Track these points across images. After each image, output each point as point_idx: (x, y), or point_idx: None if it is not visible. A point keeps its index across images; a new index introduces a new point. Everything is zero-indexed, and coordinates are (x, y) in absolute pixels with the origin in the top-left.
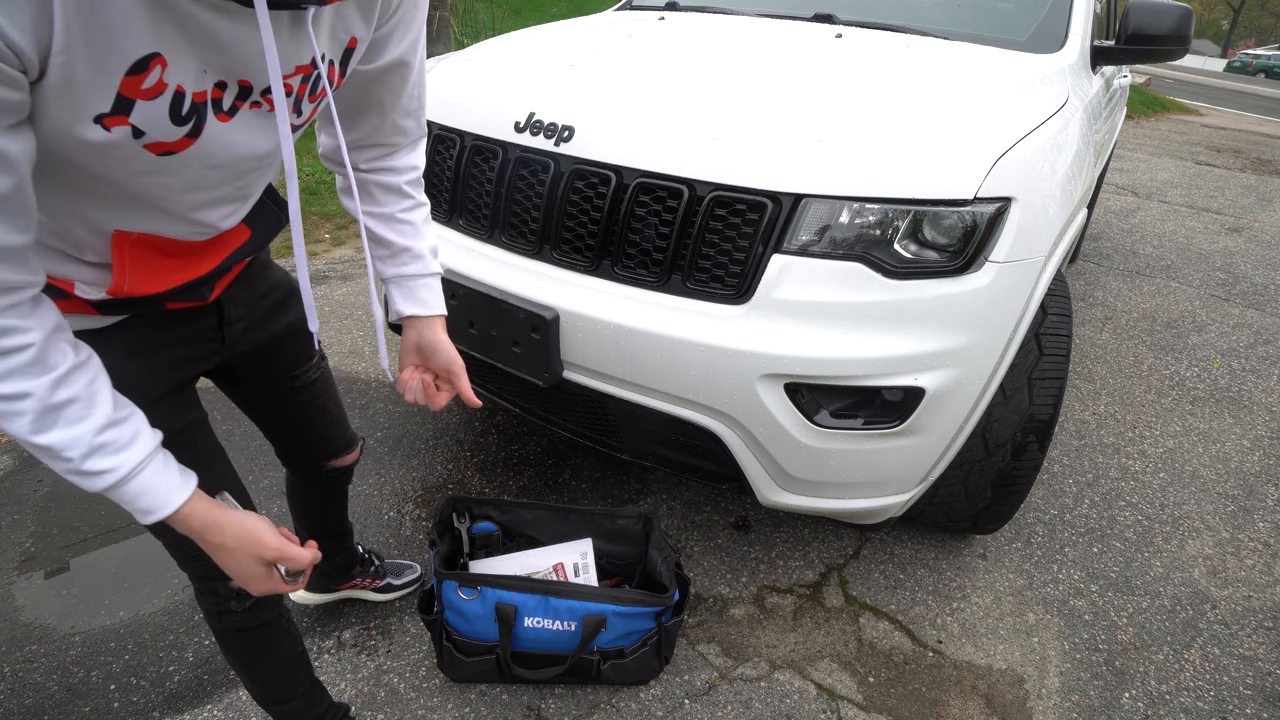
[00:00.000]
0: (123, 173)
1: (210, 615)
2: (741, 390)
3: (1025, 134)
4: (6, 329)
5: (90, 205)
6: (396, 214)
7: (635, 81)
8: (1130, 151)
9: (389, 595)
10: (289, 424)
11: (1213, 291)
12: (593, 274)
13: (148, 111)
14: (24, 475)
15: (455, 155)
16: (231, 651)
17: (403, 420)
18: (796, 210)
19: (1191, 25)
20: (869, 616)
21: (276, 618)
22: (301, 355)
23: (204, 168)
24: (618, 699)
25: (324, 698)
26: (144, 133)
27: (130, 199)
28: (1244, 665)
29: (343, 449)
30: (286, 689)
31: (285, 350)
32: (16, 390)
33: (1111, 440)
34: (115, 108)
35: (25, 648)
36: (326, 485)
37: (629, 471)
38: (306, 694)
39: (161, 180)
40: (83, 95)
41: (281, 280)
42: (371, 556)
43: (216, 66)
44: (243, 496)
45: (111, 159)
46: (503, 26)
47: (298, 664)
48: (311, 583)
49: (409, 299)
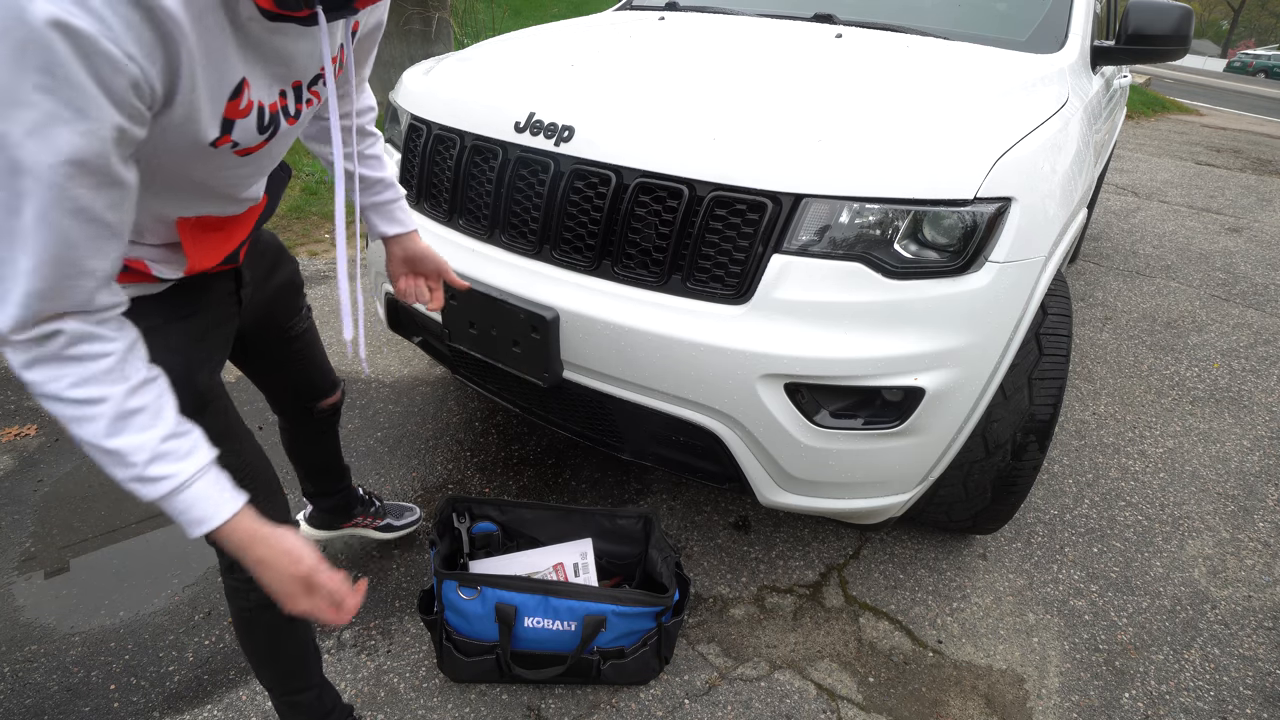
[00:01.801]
0: (211, 176)
1: (237, 594)
2: (741, 390)
3: (1025, 134)
4: (96, 337)
5: (164, 201)
6: (365, 151)
7: (635, 81)
8: (1130, 151)
9: (390, 534)
10: (283, 371)
11: (1213, 291)
12: (593, 274)
13: (242, 128)
14: (24, 475)
15: (455, 155)
16: (254, 632)
17: (403, 420)
18: (796, 210)
19: (1191, 25)
20: (869, 616)
21: None
22: (294, 307)
23: (267, 159)
24: (618, 699)
25: (333, 694)
26: (239, 144)
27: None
28: (1244, 665)
29: (329, 390)
30: (301, 677)
31: (281, 304)
32: (96, 395)
33: (1111, 440)
34: (223, 130)
35: (25, 648)
36: (317, 427)
37: (629, 471)
38: (319, 686)
39: (236, 173)
40: (202, 125)
41: (271, 241)
42: (372, 497)
43: (279, 77)
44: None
45: (209, 167)
46: (503, 26)
47: (313, 654)
48: (315, 520)
49: (389, 221)
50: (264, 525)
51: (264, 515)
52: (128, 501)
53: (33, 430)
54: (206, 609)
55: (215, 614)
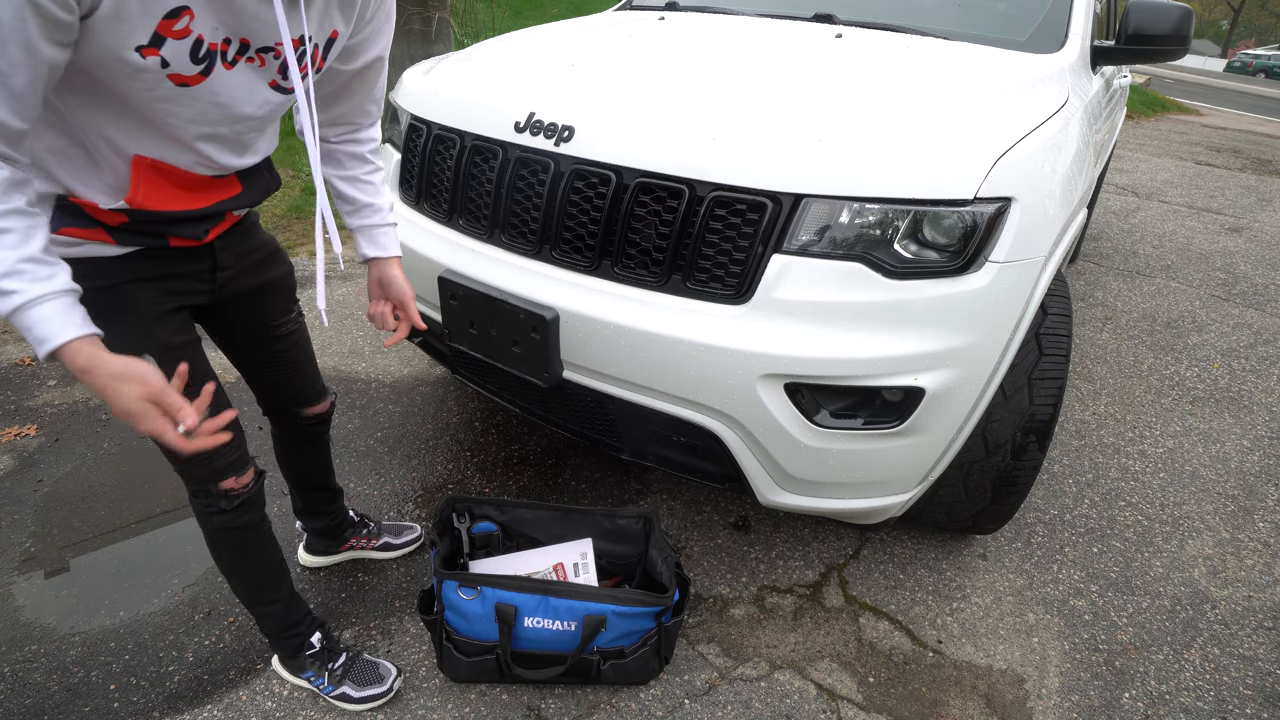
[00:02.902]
0: (145, 96)
1: (202, 517)
2: (741, 390)
3: (1025, 134)
4: None
5: (115, 129)
6: (360, 176)
7: (635, 81)
8: (1130, 151)
9: (390, 554)
10: (269, 370)
11: (1213, 291)
12: (593, 274)
13: (174, 49)
14: (24, 475)
15: (455, 155)
16: (220, 552)
17: (403, 420)
18: (796, 210)
19: (1191, 25)
20: (869, 616)
21: (260, 521)
22: (283, 308)
23: (208, 104)
24: (618, 699)
25: (302, 607)
26: (169, 64)
27: (148, 125)
28: (1244, 665)
29: (314, 398)
30: (268, 590)
31: (269, 301)
32: None
33: (1111, 440)
34: (151, 41)
35: (25, 648)
36: (305, 435)
37: (629, 471)
38: (285, 599)
39: (175, 110)
40: (129, 28)
41: (267, 242)
42: (364, 519)
43: (226, 25)
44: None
45: (139, 82)
46: (503, 26)
47: (278, 570)
48: (311, 545)
49: (371, 244)
50: (111, 355)
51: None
52: (128, 501)
53: (33, 430)
54: (206, 609)
55: (215, 614)
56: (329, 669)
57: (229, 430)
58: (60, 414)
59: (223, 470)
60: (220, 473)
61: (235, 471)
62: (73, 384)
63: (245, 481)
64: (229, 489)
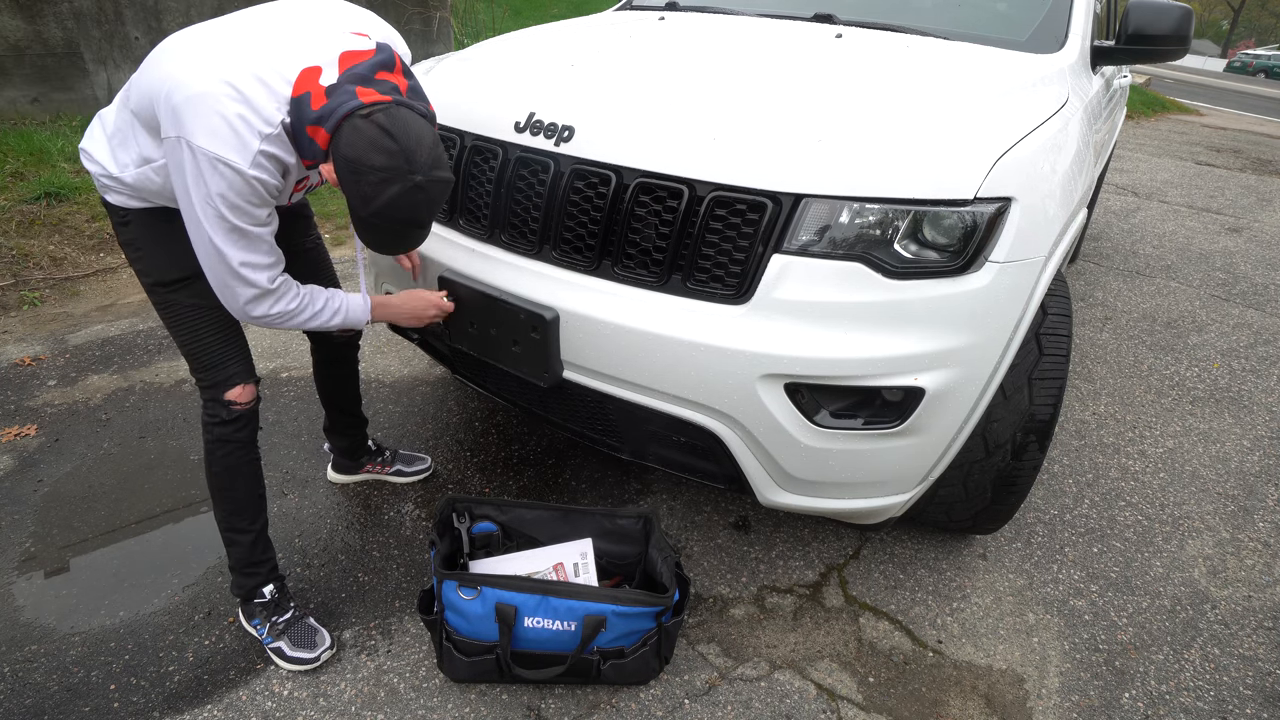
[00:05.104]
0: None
1: (207, 428)
2: (741, 390)
3: (1025, 134)
4: (285, 281)
5: None
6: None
7: (635, 81)
8: (1130, 151)
9: (403, 479)
10: (298, 277)
11: (1213, 291)
12: (593, 274)
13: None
14: (24, 475)
15: (455, 155)
16: (213, 465)
17: (403, 420)
18: (796, 210)
19: (1191, 25)
20: (869, 616)
21: (250, 443)
22: (305, 230)
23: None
24: (618, 699)
25: (268, 550)
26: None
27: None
28: (1244, 665)
29: None
30: (244, 518)
31: (299, 224)
32: (297, 307)
33: (1111, 440)
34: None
35: (25, 648)
36: (334, 355)
37: (629, 471)
38: (256, 534)
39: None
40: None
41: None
42: (381, 447)
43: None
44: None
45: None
46: (503, 26)
47: (257, 503)
48: (338, 465)
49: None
50: (390, 299)
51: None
52: (128, 501)
53: (33, 430)
54: (206, 609)
55: (215, 614)
56: (272, 621)
57: (238, 345)
58: (60, 414)
59: (230, 378)
60: (228, 380)
61: (242, 380)
62: (73, 384)
63: (247, 397)
64: (232, 400)
